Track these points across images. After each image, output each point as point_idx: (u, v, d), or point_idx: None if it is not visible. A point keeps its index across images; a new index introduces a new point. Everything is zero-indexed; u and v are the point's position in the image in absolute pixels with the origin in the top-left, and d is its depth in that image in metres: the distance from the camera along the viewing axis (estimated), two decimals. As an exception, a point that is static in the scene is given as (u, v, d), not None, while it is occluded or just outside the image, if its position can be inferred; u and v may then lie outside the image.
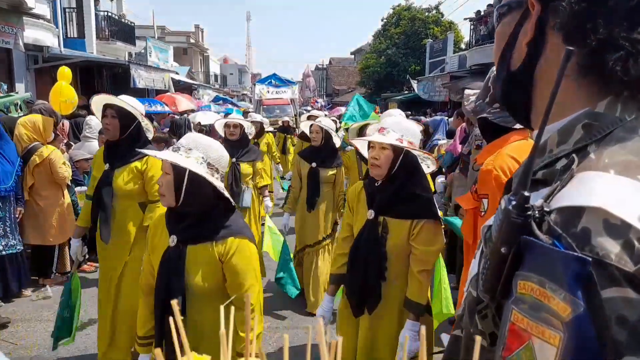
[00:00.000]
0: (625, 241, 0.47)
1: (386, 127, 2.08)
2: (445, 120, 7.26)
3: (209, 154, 1.69)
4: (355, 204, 2.23)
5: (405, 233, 2.05)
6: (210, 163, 1.68)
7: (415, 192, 2.06)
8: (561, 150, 0.59)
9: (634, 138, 0.56)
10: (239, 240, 1.69)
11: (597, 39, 0.57)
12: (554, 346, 0.47)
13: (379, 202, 2.08)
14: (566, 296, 0.47)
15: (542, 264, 0.50)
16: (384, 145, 2.05)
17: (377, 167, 2.06)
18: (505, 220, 0.53)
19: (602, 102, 0.59)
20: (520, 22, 0.65)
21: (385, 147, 2.05)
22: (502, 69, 0.69)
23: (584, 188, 0.52)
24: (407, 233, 2.05)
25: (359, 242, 2.12)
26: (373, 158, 2.07)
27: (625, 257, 0.47)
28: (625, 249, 0.47)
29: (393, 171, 2.06)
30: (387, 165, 2.06)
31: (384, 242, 2.06)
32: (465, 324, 0.65)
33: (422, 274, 2.04)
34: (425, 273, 2.05)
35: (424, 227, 2.04)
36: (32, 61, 10.88)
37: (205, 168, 1.67)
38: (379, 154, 2.05)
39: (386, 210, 2.08)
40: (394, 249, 2.06)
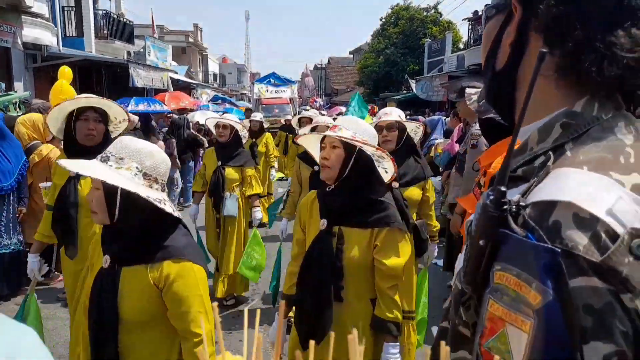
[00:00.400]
0: (593, 233, 0.50)
1: (338, 124, 1.90)
2: (442, 120, 7.29)
3: (143, 162, 1.46)
4: (308, 217, 1.96)
5: (365, 244, 1.80)
6: (146, 173, 1.46)
7: (372, 197, 1.84)
8: (541, 148, 0.62)
9: (609, 136, 0.59)
10: (178, 265, 1.45)
11: (573, 41, 0.59)
12: (525, 332, 0.50)
13: (332, 209, 1.85)
14: (537, 285, 0.49)
15: (516, 255, 0.52)
16: (335, 143, 1.84)
17: (327, 168, 1.84)
18: (483, 214, 0.56)
19: (580, 102, 0.62)
20: (504, 24, 0.68)
21: (336, 145, 1.84)
22: (488, 69, 0.72)
23: (557, 183, 0.55)
24: (367, 244, 1.80)
25: (310, 256, 1.85)
26: (323, 158, 1.86)
27: (593, 249, 0.49)
28: (593, 241, 0.50)
29: (345, 173, 1.83)
30: (339, 166, 1.83)
31: (339, 255, 1.79)
32: (452, 316, 0.68)
33: (392, 289, 1.81)
34: (396, 287, 1.83)
35: (386, 237, 1.80)
36: (30, 60, 10.89)
37: (141, 179, 1.45)
38: (329, 153, 1.84)
39: (341, 218, 1.83)
40: (352, 263, 1.79)
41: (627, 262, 0.49)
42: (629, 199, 0.52)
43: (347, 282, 1.80)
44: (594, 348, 0.49)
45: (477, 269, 0.57)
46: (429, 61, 21.96)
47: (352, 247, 1.79)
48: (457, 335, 0.66)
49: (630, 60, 0.58)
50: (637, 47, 0.57)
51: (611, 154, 0.57)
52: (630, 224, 0.50)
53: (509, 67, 0.68)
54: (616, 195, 0.52)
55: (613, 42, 0.58)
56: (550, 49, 0.61)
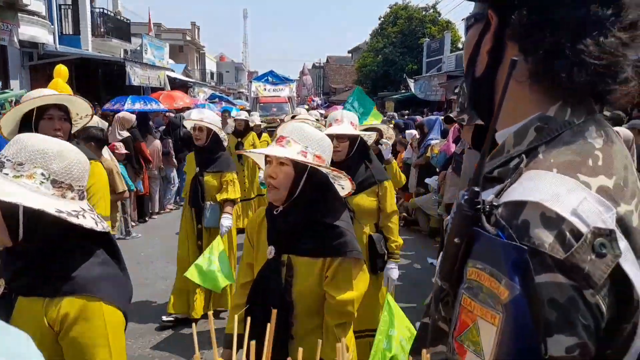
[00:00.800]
0: (558, 232, 0.53)
1: (286, 136, 1.61)
2: (440, 120, 7.30)
3: (50, 166, 1.15)
4: (256, 239, 1.74)
5: (316, 275, 1.60)
6: (55, 180, 1.15)
7: (326, 222, 1.61)
8: (516, 151, 0.65)
9: (579, 140, 0.62)
10: (81, 303, 1.14)
11: (544, 49, 0.63)
12: (494, 325, 0.53)
13: (281, 236, 1.64)
14: (506, 281, 0.52)
15: (487, 253, 0.55)
16: (281, 159, 1.59)
17: (274, 188, 1.60)
18: (458, 213, 0.59)
19: (553, 107, 0.65)
20: (482, 33, 0.71)
21: (284, 162, 1.59)
22: (468, 76, 0.75)
23: (527, 185, 0.58)
24: (318, 275, 1.60)
25: (257, 289, 1.66)
26: (269, 177, 1.61)
27: (558, 246, 0.53)
28: (558, 239, 0.53)
29: (296, 193, 1.60)
30: (287, 186, 1.60)
31: (289, 288, 1.60)
32: (432, 312, 0.70)
33: (341, 329, 1.60)
34: (345, 326, 1.63)
35: (340, 267, 1.59)
36: (27, 58, 10.85)
37: (49, 189, 1.14)
38: (275, 171, 1.59)
39: (290, 246, 1.62)
40: (302, 297, 1.60)
41: (590, 259, 0.52)
42: (593, 200, 0.55)
43: (298, 318, 1.61)
44: (557, 340, 0.52)
45: (453, 266, 0.60)
46: (428, 61, 21.99)
47: (302, 279, 1.60)
48: (436, 330, 0.69)
49: (598, 67, 0.61)
50: (605, 55, 0.61)
51: (580, 157, 0.60)
52: (594, 224, 0.53)
53: (487, 74, 0.71)
54: (581, 197, 0.55)
55: (582, 50, 0.61)
56: (524, 56, 0.65)
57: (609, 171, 0.60)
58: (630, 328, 0.56)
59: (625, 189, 0.60)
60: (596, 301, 0.53)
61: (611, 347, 0.56)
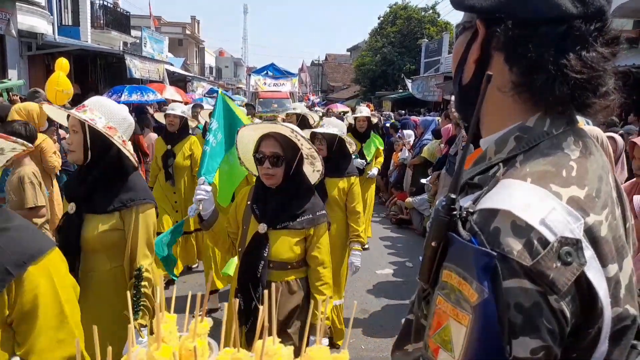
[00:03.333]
0: (527, 240, 0.56)
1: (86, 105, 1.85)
2: (437, 120, 7.37)
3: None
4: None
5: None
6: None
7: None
8: (497, 159, 0.68)
9: (556, 151, 0.64)
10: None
11: (527, 62, 0.65)
12: (464, 326, 0.56)
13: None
14: (475, 284, 0.55)
15: (460, 257, 0.58)
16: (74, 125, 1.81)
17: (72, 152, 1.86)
18: (436, 218, 0.62)
19: (533, 117, 0.67)
20: (470, 42, 0.73)
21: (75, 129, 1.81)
22: (456, 83, 0.77)
23: (501, 193, 0.60)
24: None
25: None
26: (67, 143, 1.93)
27: (525, 254, 0.55)
28: (526, 247, 0.55)
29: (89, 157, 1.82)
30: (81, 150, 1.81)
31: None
32: (415, 310, 0.74)
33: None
34: None
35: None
36: (25, 48, 10.79)
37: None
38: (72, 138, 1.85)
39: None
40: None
41: (555, 267, 0.55)
42: (562, 210, 0.58)
43: None
44: (522, 342, 0.54)
45: (430, 268, 0.63)
46: (426, 61, 22.01)
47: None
48: (419, 328, 0.72)
49: (579, 80, 0.63)
50: (586, 69, 0.63)
51: (555, 167, 0.62)
52: (561, 233, 0.56)
53: (473, 81, 0.73)
54: (550, 207, 0.58)
55: (564, 63, 0.63)
56: (509, 67, 0.67)
57: (581, 182, 0.61)
58: (594, 333, 0.59)
59: (596, 199, 0.61)
60: (560, 307, 0.55)
61: (576, 351, 0.59)
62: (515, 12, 0.65)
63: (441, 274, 0.61)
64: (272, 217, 1.97)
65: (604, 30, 0.64)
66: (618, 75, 0.67)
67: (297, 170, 2.02)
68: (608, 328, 0.59)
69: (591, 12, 0.63)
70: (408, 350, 0.76)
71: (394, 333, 3.59)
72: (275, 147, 1.94)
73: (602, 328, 0.59)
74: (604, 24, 0.64)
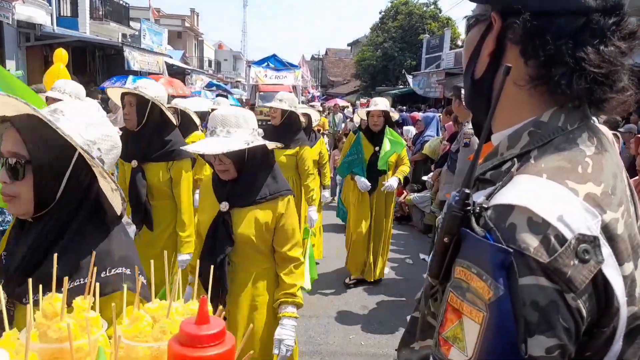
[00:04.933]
0: (544, 237, 0.55)
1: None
2: (437, 117, 7.33)
3: None
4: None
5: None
6: None
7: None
8: (510, 154, 0.66)
9: (571, 147, 0.63)
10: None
11: (545, 55, 0.63)
12: (478, 323, 0.55)
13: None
14: (491, 281, 0.54)
15: (474, 253, 0.57)
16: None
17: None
18: (448, 213, 0.60)
19: (548, 112, 0.66)
20: (484, 33, 0.71)
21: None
22: (467, 76, 0.75)
23: (517, 189, 0.59)
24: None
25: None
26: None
27: (542, 251, 0.54)
28: (543, 244, 0.54)
29: None
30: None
31: None
32: (422, 307, 0.73)
33: None
34: None
35: None
36: (23, 39, 10.71)
37: None
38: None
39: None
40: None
41: (572, 264, 0.54)
42: (579, 207, 0.57)
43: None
44: (538, 341, 0.53)
45: (441, 264, 0.62)
46: (427, 57, 21.95)
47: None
48: (425, 325, 0.71)
49: (597, 75, 0.62)
50: (604, 63, 0.61)
51: (570, 163, 0.61)
52: (578, 230, 0.55)
53: (486, 75, 0.71)
54: (568, 203, 0.57)
55: (582, 57, 0.61)
56: (524, 60, 0.65)
57: (597, 179, 0.60)
58: (609, 332, 0.58)
59: (612, 196, 0.61)
60: (577, 305, 0.54)
61: (591, 349, 0.58)
62: (533, 3, 0.63)
63: (453, 271, 0.60)
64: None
65: (621, 25, 0.63)
66: (634, 71, 0.66)
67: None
68: (623, 327, 0.59)
69: (610, 5, 0.62)
70: (414, 348, 0.75)
71: (393, 329, 3.61)
72: None
73: (618, 327, 0.58)
74: (622, 18, 0.63)
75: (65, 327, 0.66)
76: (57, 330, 0.67)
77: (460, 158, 3.49)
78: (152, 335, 0.68)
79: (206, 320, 0.56)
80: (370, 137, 4.21)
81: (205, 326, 0.56)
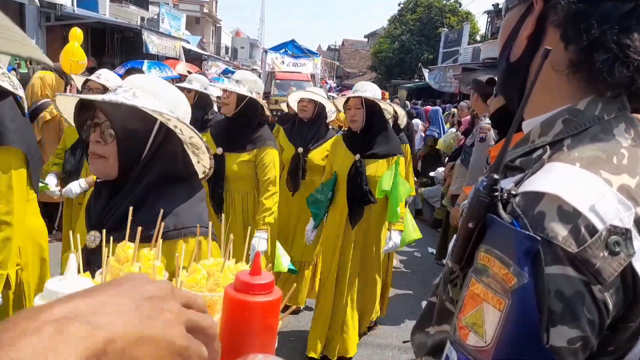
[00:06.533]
0: (573, 226, 0.53)
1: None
2: (440, 111, 7.36)
3: None
4: None
5: None
6: None
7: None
8: (541, 141, 0.64)
9: (607, 137, 0.61)
10: None
11: (588, 39, 0.61)
12: (499, 310, 0.54)
13: None
14: (515, 268, 0.53)
15: (499, 239, 0.56)
16: None
17: None
18: (475, 198, 0.59)
19: (584, 100, 0.64)
20: (523, 15, 0.68)
21: None
22: (503, 59, 0.73)
23: (548, 176, 0.58)
24: None
25: None
26: None
27: (571, 240, 0.53)
28: (572, 233, 0.53)
29: None
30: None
31: None
32: (440, 292, 0.72)
33: None
34: None
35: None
36: (44, 18, 10.82)
37: None
38: None
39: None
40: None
41: (602, 256, 0.53)
42: (613, 197, 0.55)
43: None
44: (560, 331, 0.53)
45: (465, 249, 0.61)
46: (444, 51, 21.68)
47: None
48: (443, 311, 0.70)
49: None
50: None
51: (605, 153, 0.59)
52: (610, 221, 0.54)
53: (524, 59, 0.69)
54: (601, 193, 0.55)
55: (627, 44, 0.59)
56: (565, 44, 0.63)
57: (633, 170, 0.59)
58: (635, 327, 0.57)
59: None
60: (603, 297, 0.53)
61: (614, 344, 0.57)
62: None
63: (477, 256, 0.59)
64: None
65: None
66: None
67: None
68: None
69: None
70: (429, 332, 0.75)
71: (399, 321, 3.63)
72: None
73: None
74: None
75: (136, 269, 0.80)
76: (127, 273, 0.79)
77: (475, 152, 3.47)
78: (206, 287, 0.78)
79: (259, 272, 0.65)
80: (351, 142, 2.76)
81: (257, 277, 0.65)
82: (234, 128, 2.63)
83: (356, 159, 2.70)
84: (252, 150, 2.60)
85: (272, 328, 0.65)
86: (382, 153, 2.70)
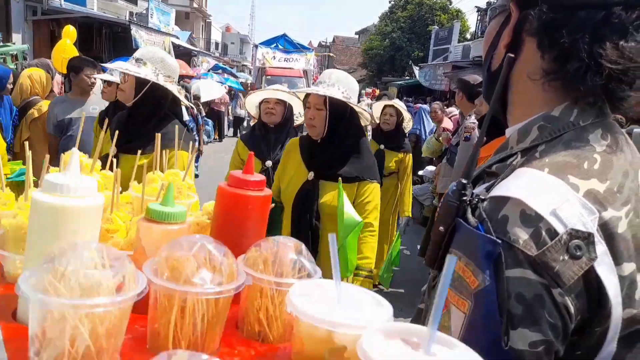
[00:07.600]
0: (534, 230, 0.55)
1: None
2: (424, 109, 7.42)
3: None
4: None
5: None
6: None
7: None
8: (518, 148, 0.66)
9: (580, 142, 0.61)
10: None
11: (560, 49, 0.62)
12: (463, 312, 0.56)
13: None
14: (477, 271, 0.55)
15: (465, 243, 0.58)
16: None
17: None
18: (445, 203, 0.61)
19: (559, 107, 0.65)
20: (502, 25, 0.70)
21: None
22: (485, 69, 0.75)
23: (515, 182, 0.59)
24: None
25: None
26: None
27: (531, 243, 0.54)
28: (533, 237, 0.54)
29: None
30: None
31: None
32: (425, 299, 0.74)
33: None
34: None
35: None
36: (30, 12, 10.65)
37: None
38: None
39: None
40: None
41: (562, 259, 0.53)
42: (576, 202, 0.56)
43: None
44: (521, 334, 0.53)
45: (437, 252, 0.63)
46: (435, 49, 21.77)
47: None
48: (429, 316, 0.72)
49: (614, 71, 0.59)
50: (623, 60, 0.59)
51: (577, 159, 0.60)
52: (572, 225, 0.54)
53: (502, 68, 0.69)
54: (564, 198, 0.56)
55: (599, 53, 0.59)
56: (541, 53, 0.64)
57: (603, 176, 0.59)
58: (601, 332, 0.56)
59: (618, 195, 0.58)
60: (564, 301, 0.53)
61: (581, 349, 0.57)
62: None
63: None
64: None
65: None
66: None
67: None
68: (617, 329, 0.57)
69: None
70: None
71: (387, 318, 3.69)
72: None
73: (610, 328, 0.56)
74: None
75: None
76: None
77: (459, 151, 3.52)
78: None
79: (251, 171, 0.75)
80: (307, 153, 2.03)
81: (250, 175, 0.74)
82: (133, 122, 1.94)
83: (309, 177, 1.94)
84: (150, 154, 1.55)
85: (264, 220, 0.77)
86: (347, 175, 1.89)
